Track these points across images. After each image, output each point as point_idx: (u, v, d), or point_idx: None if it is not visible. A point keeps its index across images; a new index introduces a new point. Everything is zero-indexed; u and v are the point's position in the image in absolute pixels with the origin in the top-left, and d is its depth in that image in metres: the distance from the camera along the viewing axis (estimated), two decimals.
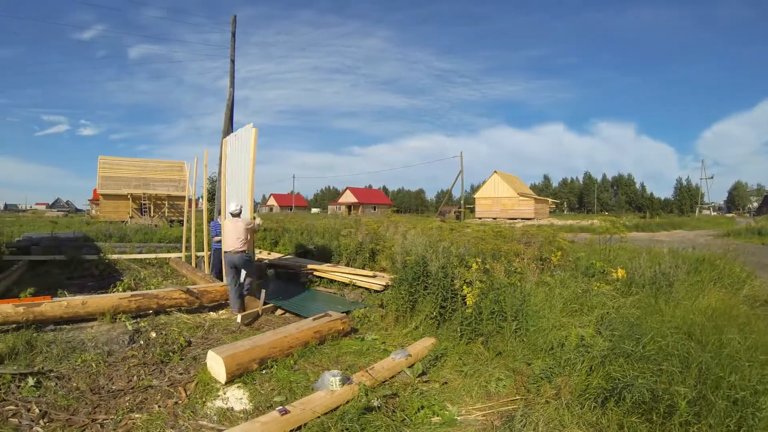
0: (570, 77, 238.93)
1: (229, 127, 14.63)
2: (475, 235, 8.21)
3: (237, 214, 8.24)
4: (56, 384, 4.97)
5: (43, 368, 5.33)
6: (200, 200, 19.64)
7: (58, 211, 75.08)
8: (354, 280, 8.95)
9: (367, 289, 8.57)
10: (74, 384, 5.00)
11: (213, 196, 14.26)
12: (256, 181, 8.41)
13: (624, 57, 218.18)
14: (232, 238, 7.88)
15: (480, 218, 52.33)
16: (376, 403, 3.81)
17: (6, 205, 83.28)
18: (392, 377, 4.59)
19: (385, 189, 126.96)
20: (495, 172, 57.93)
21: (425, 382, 4.52)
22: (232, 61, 15.38)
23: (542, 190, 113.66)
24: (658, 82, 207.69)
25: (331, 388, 3.97)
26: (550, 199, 70.48)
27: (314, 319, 6.08)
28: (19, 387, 4.80)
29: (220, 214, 10.47)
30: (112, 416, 4.26)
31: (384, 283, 8.25)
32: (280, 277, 11.23)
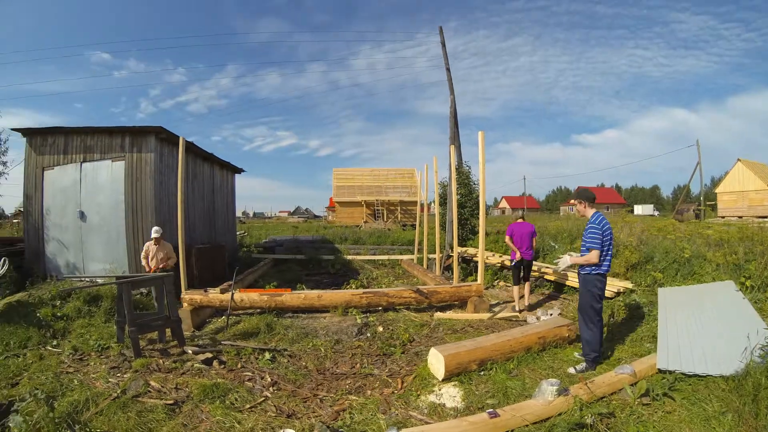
0: None
1: (455, 132, 16.46)
2: (717, 238, 8.19)
3: None
4: (288, 361, 6.21)
5: (278, 347, 6.72)
6: (432, 205, 21.81)
7: (298, 217, 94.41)
8: None
9: None
10: (303, 363, 6.16)
11: (444, 200, 15.79)
12: (486, 181, 9.11)
13: None
14: None
15: (723, 217, 46.96)
16: (588, 420, 3.96)
17: (254, 213, 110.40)
18: (611, 394, 4.69)
19: (617, 187, 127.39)
20: (738, 160, 52.09)
21: (646, 404, 4.48)
22: (448, 70, 17.59)
23: None
24: None
25: (546, 398, 4.23)
26: None
27: (538, 324, 6.35)
28: (257, 359, 6.20)
29: (452, 220, 11.53)
30: (332, 395, 5.07)
31: (615, 290, 8.47)
32: (509, 280, 11.69)
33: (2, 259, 8.73)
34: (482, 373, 5.29)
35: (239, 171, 18.18)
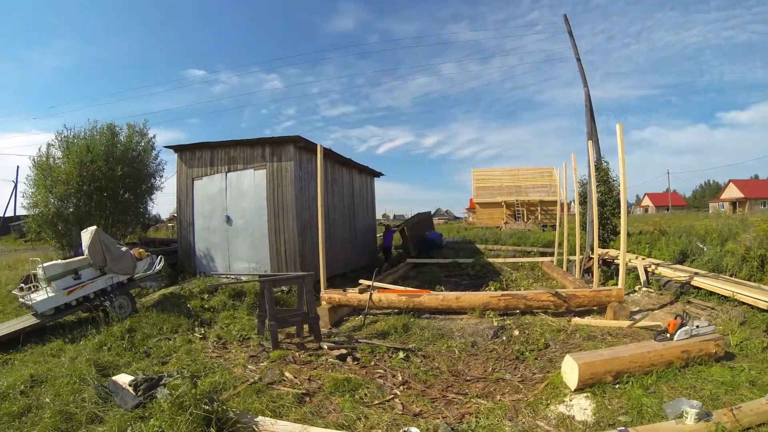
0: None
1: (592, 127, 15.95)
2: None
3: None
4: (421, 361, 6.37)
5: (413, 347, 6.90)
6: (572, 204, 21.55)
7: (438, 218, 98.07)
8: (735, 294, 8.63)
9: (751, 306, 8.17)
10: (436, 364, 6.28)
11: (584, 199, 15.31)
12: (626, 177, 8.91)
13: None
14: None
15: None
16: None
17: (395, 216, 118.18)
18: (760, 425, 4.31)
19: None
20: None
21: None
22: (578, 60, 17.05)
23: None
24: None
25: (684, 421, 4.04)
26: None
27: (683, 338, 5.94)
28: (391, 358, 6.45)
29: (592, 220, 11.27)
30: (460, 397, 5.13)
31: None
32: (651, 285, 11.07)
33: (159, 257, 10.21)
34: (617, 386, 5.09)
35: (378, 175, 19.25)
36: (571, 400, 4.83)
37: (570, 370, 5.13)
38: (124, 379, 5.14)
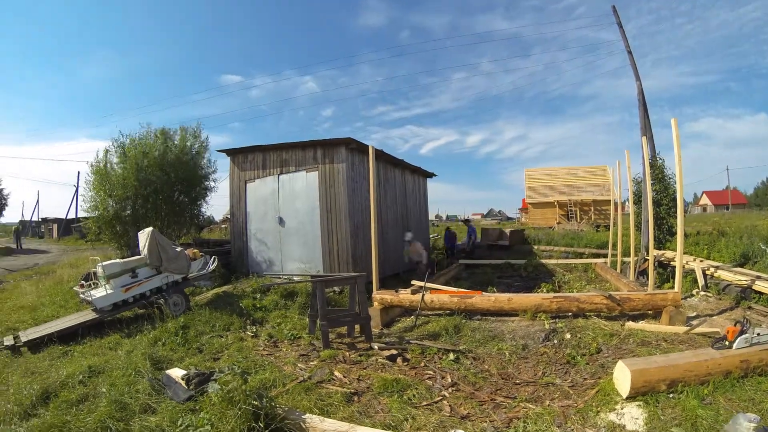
0: None
1: (646, 122, 15.56)
2: None
3: None
4: (471, 363, 6.35)
5: (463, 349, 6.89)
6: (626, 203, 21.15)
7: (491, 219, 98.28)
8: None
9: None
10: (486, 366, 6.25)
11: (639, 198, 14.85)
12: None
13: None
14: None
15: None
16: None
17: (447, 216, 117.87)
18: None
19: None
20: None
21: None
22: (629, 53, 16.66)
23: None
24: None
25: None
26: None
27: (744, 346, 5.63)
28: (441, 359, 6.46)
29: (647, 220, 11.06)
30: (509, 400, 5.08)
31: None
32: (709, 289, 10.63)
33: (212, 257, 10.65)
34: (672, 395, 4.91)
35: (430, 175, 19.36)
36: (622, 408, 4.72)
37: (622, 377, 5.02)
38: (177, 373, 5.41)
